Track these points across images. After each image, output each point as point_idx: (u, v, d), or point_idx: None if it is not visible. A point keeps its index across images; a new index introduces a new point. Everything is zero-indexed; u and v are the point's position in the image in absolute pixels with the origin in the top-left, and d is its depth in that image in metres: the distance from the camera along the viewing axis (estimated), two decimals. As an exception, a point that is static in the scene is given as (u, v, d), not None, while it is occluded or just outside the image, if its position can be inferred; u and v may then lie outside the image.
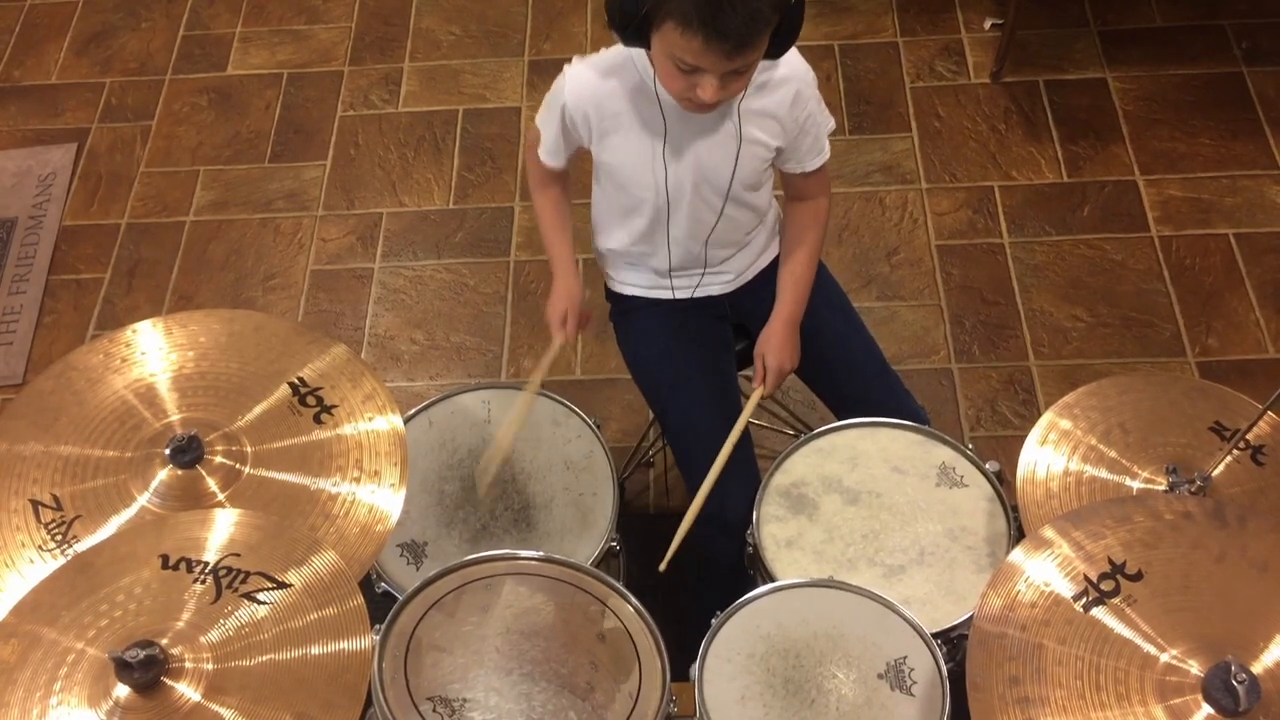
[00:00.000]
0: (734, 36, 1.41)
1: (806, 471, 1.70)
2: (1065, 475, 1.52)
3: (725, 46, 1.42)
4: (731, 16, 1.39)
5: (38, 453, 1.43)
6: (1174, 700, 1.19)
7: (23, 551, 1.36)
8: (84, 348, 1.54)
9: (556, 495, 1.70)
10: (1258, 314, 2.55)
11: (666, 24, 1.43)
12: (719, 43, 1.41)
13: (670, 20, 1.42)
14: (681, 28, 1.41)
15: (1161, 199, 2.74)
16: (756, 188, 1.75)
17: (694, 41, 1.42)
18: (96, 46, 3.26)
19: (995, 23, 3.09)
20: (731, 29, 1.40)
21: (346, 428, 1.49)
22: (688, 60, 1.45)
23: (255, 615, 1.25)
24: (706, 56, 1.43)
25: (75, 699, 1.18)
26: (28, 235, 2.86)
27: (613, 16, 1.48)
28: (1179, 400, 1.59)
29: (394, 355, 2.62)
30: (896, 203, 2.78)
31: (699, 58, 1.44)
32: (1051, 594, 1.30)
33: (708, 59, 1.44)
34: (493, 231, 2.80)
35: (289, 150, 2.99)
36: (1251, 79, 2.93)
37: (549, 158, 1.76)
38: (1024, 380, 2.49)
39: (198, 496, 1.41)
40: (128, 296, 2.75)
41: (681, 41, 1.43)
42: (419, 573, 1.62)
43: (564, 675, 1.41)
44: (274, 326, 1.59)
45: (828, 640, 1.47)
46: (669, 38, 1.44)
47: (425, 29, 3.22)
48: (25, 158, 3.01)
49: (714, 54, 1.43)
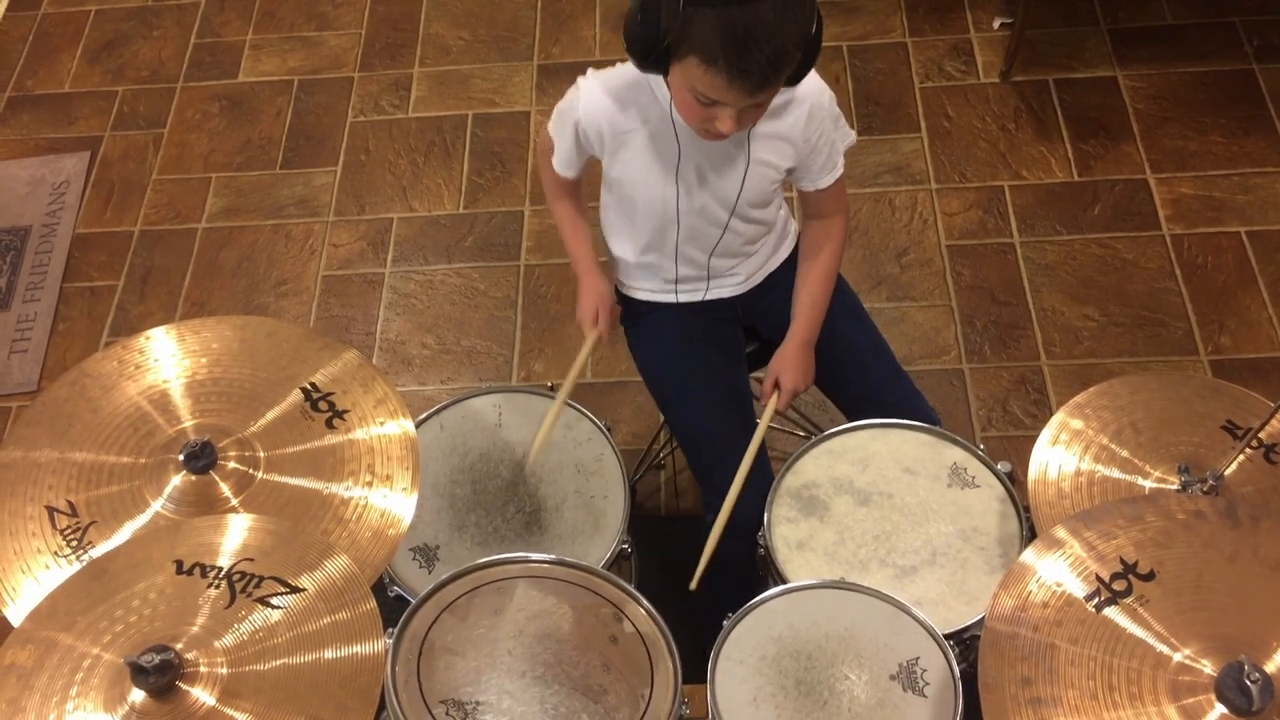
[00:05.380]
0: (758, 75, 1.40)
1: (818, 473, 1.70)
2: (1077, 475, 1.52)
3: (748, 85, 1.40)
4: (757, 56, 1.37)
5: (53, 459, 1.44)
6: (1187, 700, 1.19)
7: (39, 557, 1.37)
8: (98, 355, 1.55)
9: (568, 498, 1.70)
10: (1270, 312, 2.54)
11: (689, 58, 1.41)
12: (743, 81, 1.39)
13: (694, 55, 1.40)
14: (705, 65, 1.39)
15: (1173, 197, 2.73)
16: (764, 205, 1.74)
17: (717, 79, 1.40)
18: (109, 55, 3.28)
19: (1004, 22, 3.08)
20: (756, 68, 1.38)
21: (358, 432, 1.49)
22: (709, 95, 1.43)
23: (269, 620, 1.26)
24: (729, 93, 1.42)
25: (91, 704, 1.19)
26: (42, 243, 2.89)
27: (631, 44, 1.45)
28: (1191, 399, 1.59)
29: (405, 360, 2.63)
30: (906, 203, 2.78)
31: (721, 94, 1.42)
32: (1064, 594, 1.29)
33: (730, 95, 1.42)
34: (503, 236, 2.81)
35: (300, 156, 3.00)
36: (1263, 76, 2.92)
37: (563, 169, 1.76)
38: (1035, 380, 2.48)
39: (211, 502, 1.42)
40: (141, 303, 2.76)
41: (705, 78, 1.41)
42: (431, 576, 1.62)
43: (576, 678, 1.41)
44: (286, 332, 1.60)
45: (840, 642, 1.47)
46: (691, 72, 1.42)
47: (434, 34, 3.23)
48: (39, 166, 3.04)
49: (736, 91, 1.41)
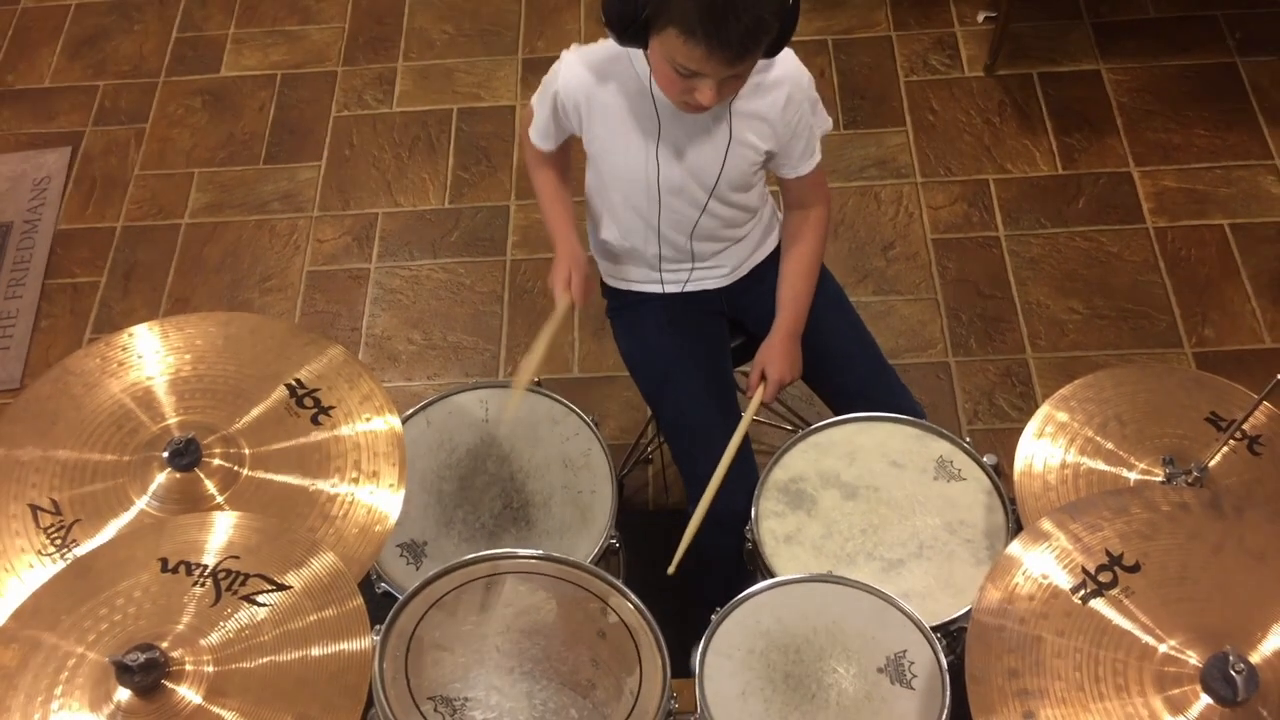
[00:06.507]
0: (736, 44, 1.41)
1: (805, 467, 1.70)
2: (1063, 468, 1.53)
3: (728, 55, 1.41)
4: (735, 25, 1.38)
5: (36, 457, 1.43)
6: (1173, 691, 1.20)
7: (22, 556, 1.36)
8: (81, 352, 1.54)
9: (555, 493, 1.70)
10: (1254, 304, 2.55)
11: (668, 30, 1.42)
12: (721, 51, 1.40)
13: (672, 27, 1.41)
14: (684, 35, 1.40)
15: (1156, 190, 2.74)
16: (745, 189, 1.74)
17: (696, 49, 1.41)
18: (89, 49, 3.25)
19: (988, 15, 3.08)
20: (734, 38, 1.39)
21: (344, 429, 1.49)
22: (688, 66, 1.44)
23: (255, 617, 1.25)
24: (708, 64, 1.43)
25: (76, 703, 1.18)
26: (23, 239, 2.86)
27: (610, 17, 1.47)
28: (1175, 391, 1.60)
29: (391, 355, 2.62)
30: (892, 197, 2.78)
31: (700, 64, 1.43)
32: (1050, 586, 1.30)
33: (709, 66, 1.43)
34: (489, 230, 2.80)
35: (284, 151, 2.98)
36: (1245, 69, 2.93)
37: (539, 139, 1.76)
38: (1021, 373, 2.49)
39: (196, 499, 1.41)
40: (124, 300, 2.74)
41: (684, 49, 1.42)
42: (419, 572, 1.62)
43: (565, 673, 1.41)
44: (270, 328, 1.59)
45: (827, 635, 1.47)
46: (670, 43, 1.44)
47: (419, 28, 3.22)
48: (19, 162, 3.01)
49: (716, 61, 1.42)
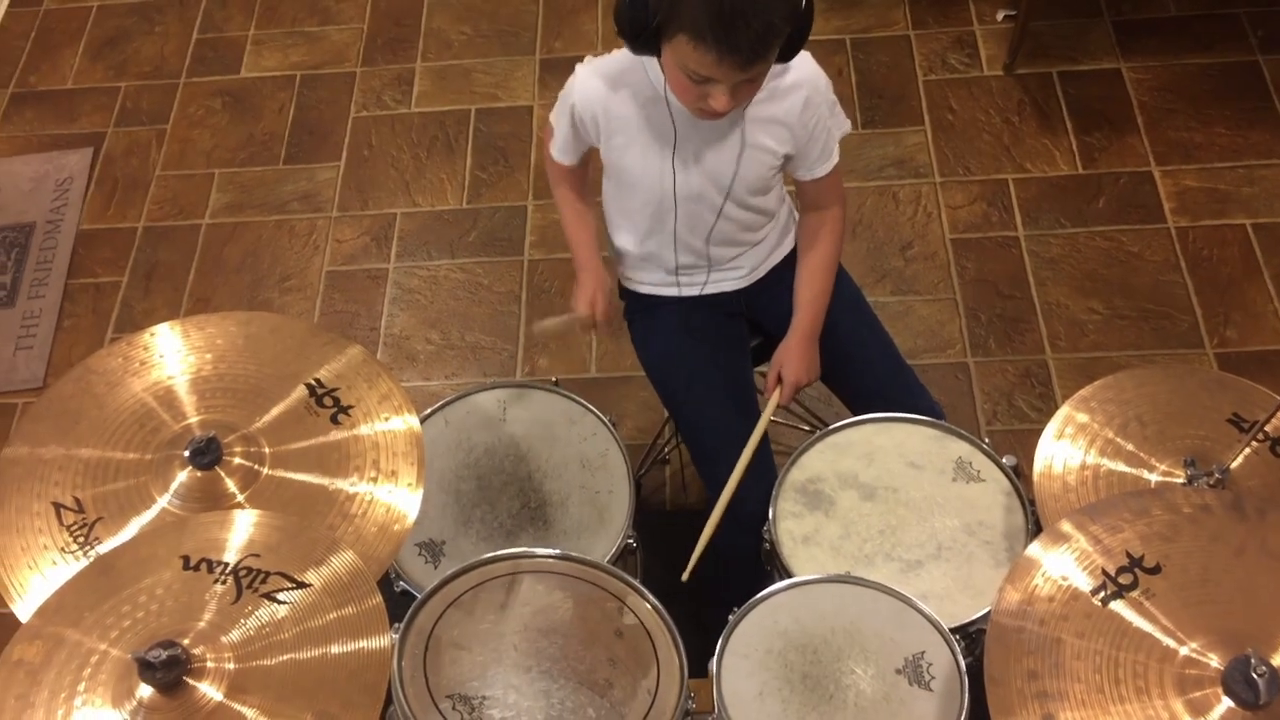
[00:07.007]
0: (747, 50, 1.41)
1: (823, 467, 1.70)
2: (1082, 469, 1.52)
3: (739, 60, 1.41)
4: (745, 31, 1.38)
5: (59, 456, 1.45)
6: (1194, 694, 1.19)
7: (46, 554, 1.37)
8: (103, 351, 1.55)
9: (573, 493, 1.70)
10: (1276, 304, 2.53)
11: (679, 36, 1.42)
12: (732, 56, 1.40)
13: (683, 34, 1.41)
14: (695, 41, 1.40)
15: (1178, 189, 2.72)
16: (763, 192, 1.74)
17: (707, 55, 1.41)
18: (111, 51, 3.28)
19: (1008, 14, 3.07)
20: (745, 43, 1.39)
21: (363, 428, 1.49)
22: (700, 72, 1.44)
23: (275, 615, 1.26)
24: (720, 69, 1.43)
25: (99, 699, 1.19)
26: (46, 240, 2.89)
27: (622, 25, 1.47)
28: (1197, 392, 1.59)
29: (409, 355, 2.63)
30: (910, 197, 2.77)
31: (712, 70, 1.43)
32: (1069, 588, 1.29)
33: (721, 71, 1.43)
34: (506, 230, 2.81)
35: (303, 152, 3.00)
36: (1267, 67, 2.91)
37: (560, 155, 1.77)
38: (1040, 374, 2.48)
39: (217, 498, 1.42)
40: (145, 299, 2.77)
41: (695, 55, 1.42)
42: (437, 571, 1.62)
43: (582, 672, 1.41)
44: (290, 328, 1.60)
45: (845, 636, 1.47)
46: (681, 50, 1.44)
47: (437, 29, 3.23)
48: (42, 163, 3.04)
49: (727, 67, 1.42)
